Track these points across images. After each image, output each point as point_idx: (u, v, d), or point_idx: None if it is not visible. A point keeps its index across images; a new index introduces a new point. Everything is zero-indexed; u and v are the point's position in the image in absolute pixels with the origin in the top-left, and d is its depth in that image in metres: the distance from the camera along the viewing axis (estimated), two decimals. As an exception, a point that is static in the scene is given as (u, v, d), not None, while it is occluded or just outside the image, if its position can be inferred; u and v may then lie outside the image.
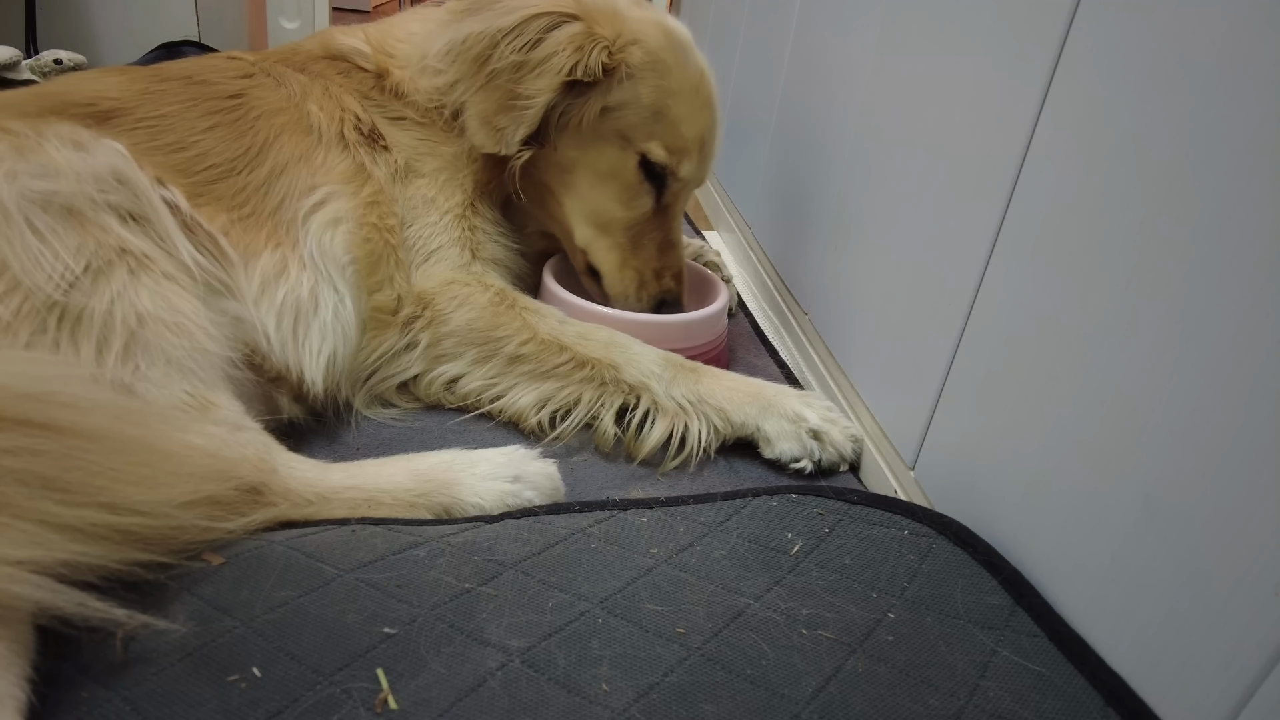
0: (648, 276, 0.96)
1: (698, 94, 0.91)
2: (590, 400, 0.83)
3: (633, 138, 0.90)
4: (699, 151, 0.93)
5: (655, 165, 0.91)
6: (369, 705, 0.42)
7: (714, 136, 0.96)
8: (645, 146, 0.90)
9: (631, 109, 0.88)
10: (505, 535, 0.59)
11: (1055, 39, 0.58)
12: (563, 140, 0.90)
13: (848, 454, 0.81)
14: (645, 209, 0.94)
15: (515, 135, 0.86)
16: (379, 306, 0.85)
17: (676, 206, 0.97)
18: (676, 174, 0.93)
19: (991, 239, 0.64)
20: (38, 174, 0.61)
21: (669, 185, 0.94)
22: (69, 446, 0.45)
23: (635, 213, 0.94)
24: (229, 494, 0.55)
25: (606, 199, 0.93)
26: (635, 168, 0.91)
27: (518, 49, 0.84)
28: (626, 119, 0.89)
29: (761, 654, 0.48)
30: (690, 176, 0.94)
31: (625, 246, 0.95)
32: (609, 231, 0.95)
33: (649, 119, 0.89)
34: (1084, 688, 0.47)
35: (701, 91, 0.92)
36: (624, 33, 0.86)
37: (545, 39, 0.83)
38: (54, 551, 0.42)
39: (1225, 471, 0.42)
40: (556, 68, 0.83)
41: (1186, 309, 0.45)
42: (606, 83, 0.86)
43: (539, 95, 0.84)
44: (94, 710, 0.40)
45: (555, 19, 0.84)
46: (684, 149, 0.91)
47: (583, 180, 0.93)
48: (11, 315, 0.57)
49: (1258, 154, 0.42)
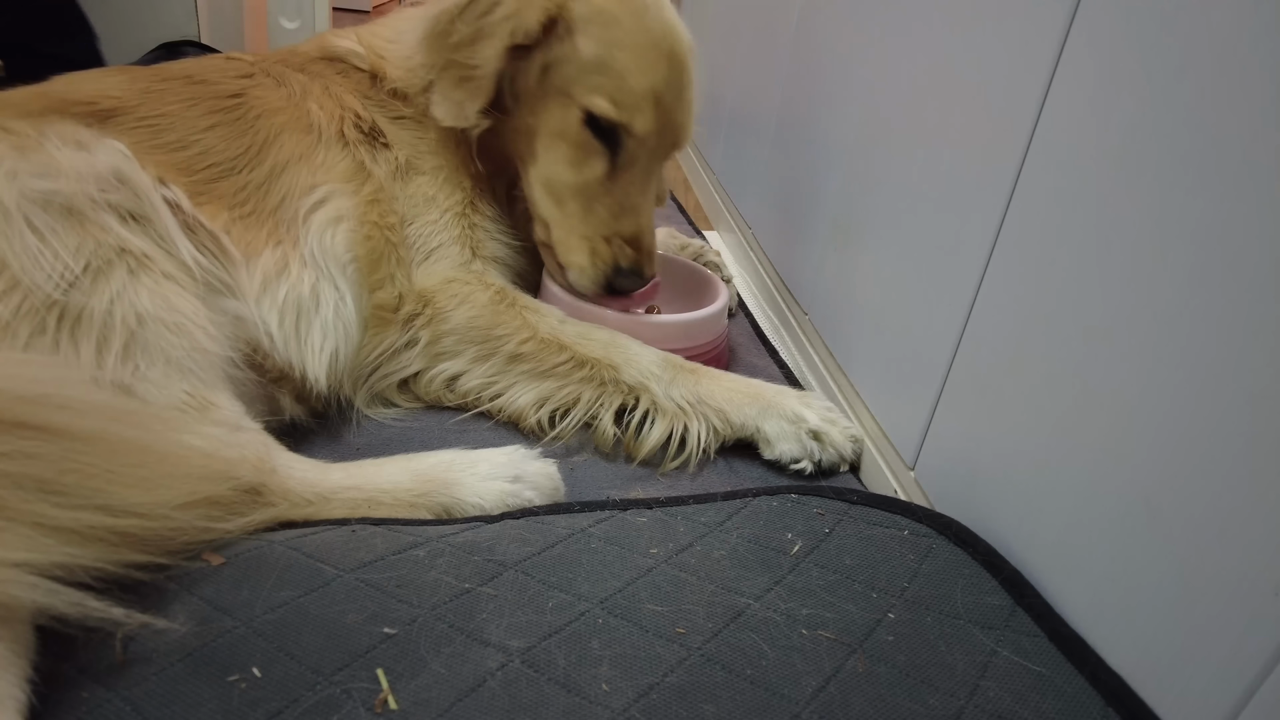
0: (599, 246, 0.89)
1: (656, 47, 0.85)
2: (589, 400, 0.83)
3: (574, 93, 0.85)
4: (653, 105, 0.86)
5: (602, 121, 0.85)
6: (369, 705, 0.42)
7: (679, 92, 0.88)
8: (588, 100, 0.85)
9: (570, 63, 0.85)
10: (505, 535, 0.59)
11: (1055, 39, 0.58)
12: (520, 108, 0.89)
13: (847, 454, 0.81)
14: (598, 171, 0.88)
15: (472, 107, 0.85)
16: (380, 304, 0.85)
17: (636, 169, 0.89)
18: (630, 130, 0.86)
19: (991, 239, 0.64)
20: (38, 173, 0.61)
21: (624, 144, 0.87)
22: (65, 449, 0.45)
23: (586, 175, 0.88)
24: (228, 494, 0.55)
25: (556, 161, 0.88)
26: (580, 125, 0.86)
27: (472, 19, 0.84)
28: (565, 73, 0.85)
29: (761, 654, 0.48)
30: (647, 133, 0.87)
31: (577, 214, 0.89)
32: (561, 199, 0.89)
33: (590, 71, 0.84)
34: (1084, 688, 0.47)
35: (660, 44, 0.85)
36: None
37: (496, 7, 0.83)
38: (51, 554, 0.42)
39: (1225, 471, 0.42)
40: (499, 32, 0.83)
41: (1186, 309, 0.45)
42: (546, 41, 0.85)
43: (486, 64, 0.84)
44: (94, 710, 0.40)
45: None
46: (634, 104, 0.85)
47: (539, 144, 0.90)
48: (11, 314, 0.57)
49: (1258, 154, 0.42)
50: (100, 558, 0.44)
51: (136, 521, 0.46)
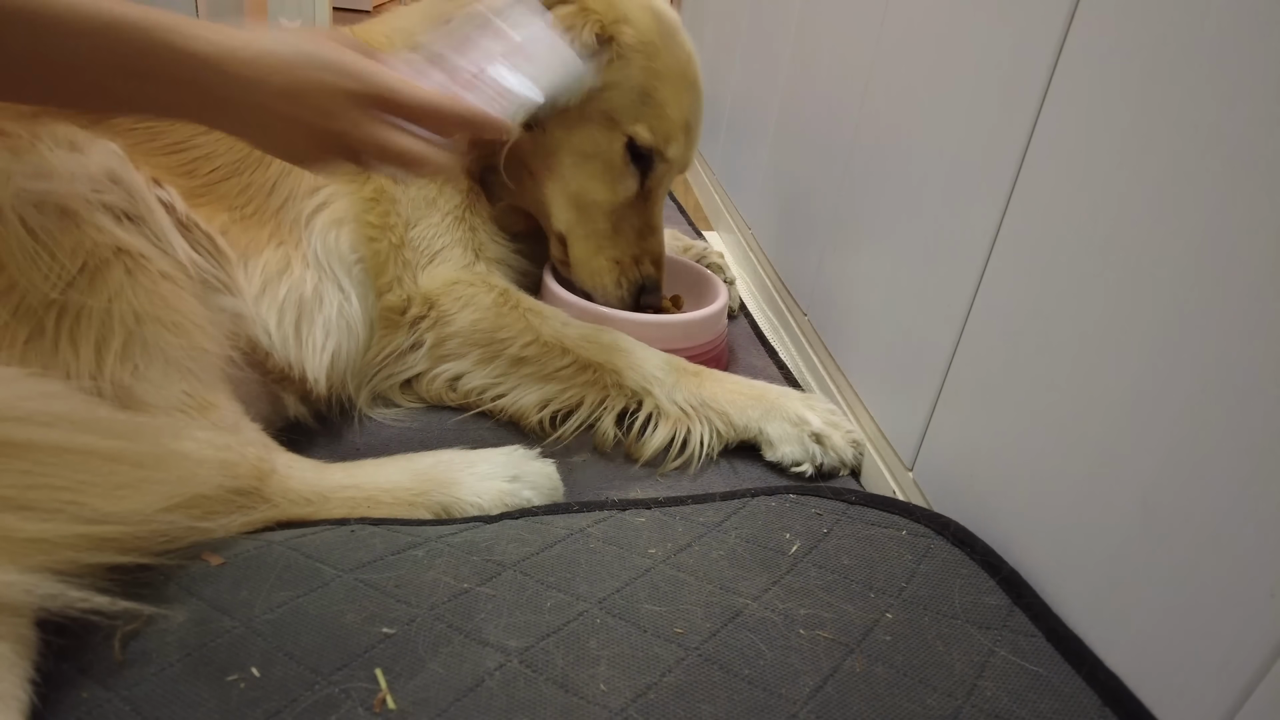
0: (628, 266, 0.94)
1: (684, 77, 0.90)
2: (592, 403, 0.83)
3: (620, 119, 0.89)
4: (685, 134, 0.92)
5: (641, 148, 0.90)
6: (367, 705, 0.42)
7: (699, 120, 0.94)
8: (633, 129, 0.89)
9: (620, 90, 0.87)
10: (504, 535, 0.59)
11: (1054, 39, 0.58)
12: (550, 121, 0.89)
13: (849, 459, 0.81)
14: (630, 192, 0.92)
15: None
16: (389, 307, 0.85)
17: (660, 191, 0.96)
18: (664, 156, 0.91)
19: (991, 240, 0.64)
20: (32, 174, 0.61)
21: (654, 168, 0.92)
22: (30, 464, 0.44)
23: (619, 196, 0.92)
24: (220, 494, 0.55)
25: (591, 181, 0.91)
26: (622, 150, 0.90)
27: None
28: (614, 100, 0.88)
29: (759, 654, 0.48)
30: (676, 159, 0.92)
31: (605, 232, 0.93)
32: (590, 216, 0.93)
33: (636, 101, 0.88)
34: (1081, 688, 0.48)
35: (688, 74, 0.91)
36: (615, 11, 0.86)
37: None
38: (24, 560, 0.41)
39: (1223, 472, 0.42)
40: None
41: (1184, 310, 0.45)
42: (595, 62, 0.85)
43: None
44: (94, 710, 0.40)
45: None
46: (670, 132, 0.90)
47: (567, 162, 0.91)
48: (9, 315, 0.57)
49: (1257, 155, 0.42)
50: (80, 560, 0.43)
51: (117, 527, 0.46)
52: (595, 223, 0.93)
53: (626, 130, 0.89)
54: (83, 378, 0.57)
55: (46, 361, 0.57)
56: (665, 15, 0.91)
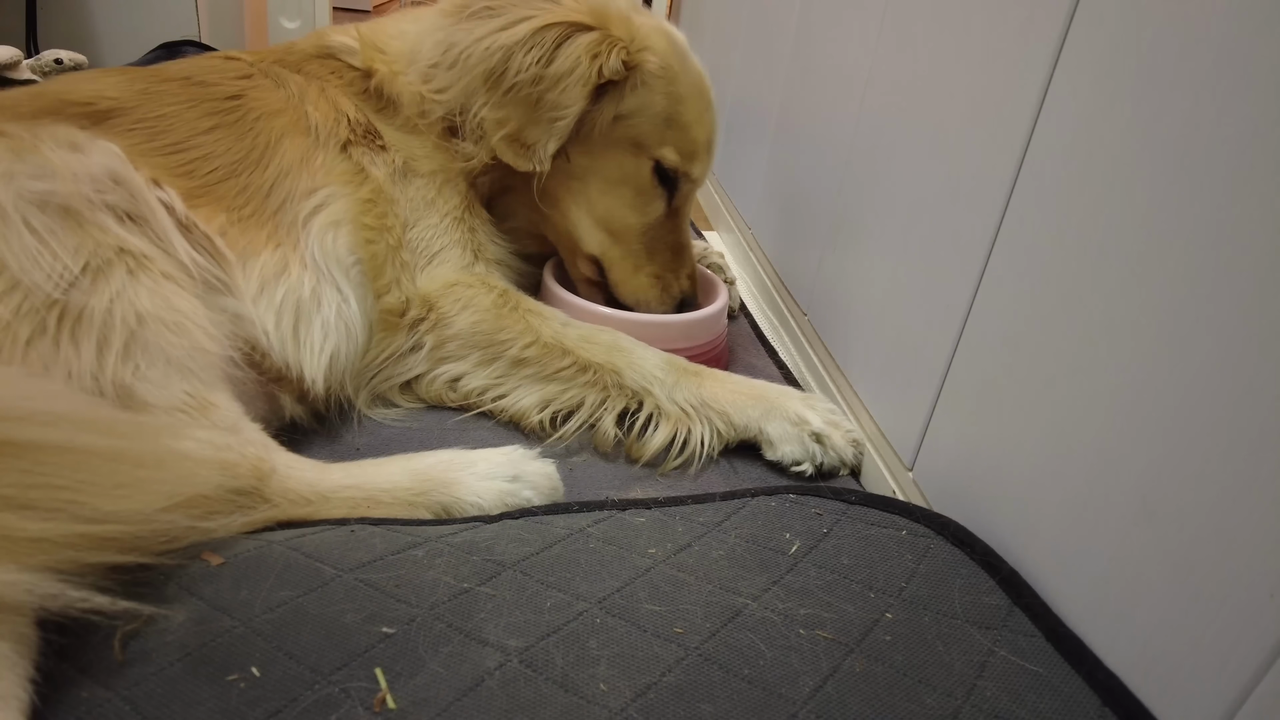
0: (669, 280, 0.98)
1: (701, 97, 0.93)
2: (593, 404, 0.83)
3: (646, 144, 0.91)
4: (707, 153, 0.96)
5: (668, 170, 0.93)
6: (367, 705, 0.42)
7: (716, 137, 0.98)
8: (659, 152, 0.92)
9: (645, 116, 0.90)
10: (504, 535, 0.59)
11: (1054, 39, 0.58)
12: (574, 149, 0.91)
13: (849, 458, 0.81)
14: (659, 213, 0.96)
15: (548, 149, 0.87)
16: (388, 309, 0.85)
17: (685, 208, 0.99)
18: (690, 176, 0.95)
19: (990, 240, 0.64)
20: (34, 175, 0.61)
21: (680, 188, 0.95)
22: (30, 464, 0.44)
23: (649, 218, 0.95)
24: (220, 494, 0.55)
25: (621, 206, 0.94)
26: (650, 174, 0.93)
27: (535, 62, 0.83)
28: (640, 126, 0.90)
29: (759, 654, 0.48)
30: (699, 176, 0.96)
31: (641, 253, 0.96)
32: (624, 239, 0.96)
33: (661, 125, 0.91)
34: (1081, 687, 0.48)
35: (704, 94, 0.94)
36: (637, 38, 0.87)
37: (561, 50, 0.83)
38: (25, 559, 0.41)
39: (1222, 473, 0.42)
40: (583, 77, 0.83)
41: (1183, 310, 0.45)
42: (619, 90, 0.87)
43: (571, 105, 0.84)
44: (94, 710, 0.40)
45: (568, 29, 0.84)
46: (694, 151, 0.94)
47: (594, 188, 0.94)
48: (11, 314, 0.57)
49: (1257, 155, 0.42)
50: (80, 560, 0.43)
51: (117, 527, 0.46)
52: (630, 244, 0.96)
53: (653, 154, 0.92)
54: (84, 377, 0.57)
55: (48, 361, 0.57)
56: (677, 38, 0.93)
